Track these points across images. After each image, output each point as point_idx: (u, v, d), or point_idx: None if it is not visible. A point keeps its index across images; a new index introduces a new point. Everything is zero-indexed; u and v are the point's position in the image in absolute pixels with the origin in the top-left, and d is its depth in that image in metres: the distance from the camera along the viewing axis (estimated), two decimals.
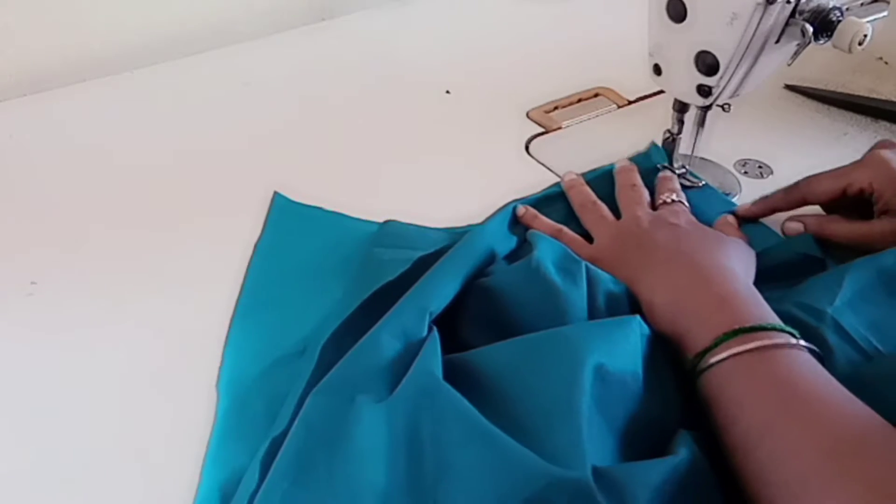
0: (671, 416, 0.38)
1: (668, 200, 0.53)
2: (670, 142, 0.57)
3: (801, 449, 0.34)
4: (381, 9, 0.85)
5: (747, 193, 0.58)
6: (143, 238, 0.53)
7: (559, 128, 0.65)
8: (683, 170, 0.58)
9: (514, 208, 0.54)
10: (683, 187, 0.57)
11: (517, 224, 0.53)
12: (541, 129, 0.66)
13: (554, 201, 0.55)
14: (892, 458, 0.32)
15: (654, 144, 0.60)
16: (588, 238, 0.52)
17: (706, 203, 0.56)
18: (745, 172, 0.60)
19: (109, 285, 0.50)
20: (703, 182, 0.58)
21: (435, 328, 0.40)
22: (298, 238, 0.52)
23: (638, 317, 0.40)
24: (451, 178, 0.56)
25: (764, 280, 0.46)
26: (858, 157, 0.52)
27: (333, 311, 0.44)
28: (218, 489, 0.37)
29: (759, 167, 0.61)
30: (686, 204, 0.53)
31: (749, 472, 0.35)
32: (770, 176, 0.60)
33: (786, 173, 0.60)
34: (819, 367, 0.37)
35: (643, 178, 0.56)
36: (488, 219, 0.53)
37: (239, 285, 0.49)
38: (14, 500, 0.38)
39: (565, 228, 0.52)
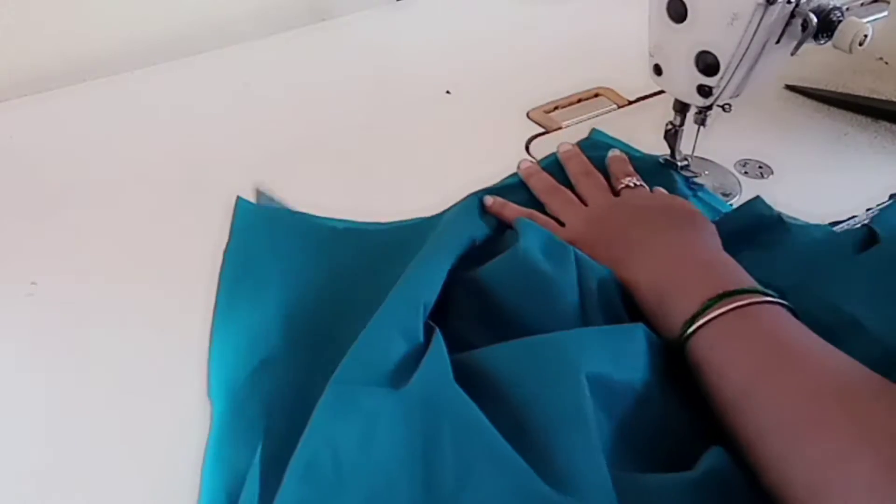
0: (688, 425, 0.38)
1: (631, 185, 0.54)
2: (672, 134, 0.57)
3: (791, 393, 0.35)
4: (381, 9, 0.85)
5: (747, 194, 0.57)
6: (144, 238, 0.53)
7: (559, 128, 0.65)
8: (686, 162, 0.58)
9: (481, 199, 0.54)
10: (686, 179, 0.58)
11: (486, 213, 0.53)
12: (541, 129, 0.66)
13: (515, 190, 0.56)
14: (877, 399, 0.34)
15: (594, 130, 0.63)
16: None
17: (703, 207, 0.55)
18: (746, 173, 0.60)
19: (109, 285, 0.50)
20: (706, 172, 0.58)
21: (438, 330, 0.39)
22: (266, 240, 0.52)
23: (642, 325, 0.40)
24: (452, 179, 0.56)
25: (729, 245, 0.46)
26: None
27: (307, 306, 0.45)
28: (223, 491, 0.36)
29: (760, 167, 0.61)
30: (643, 184, 0.55)
31: (742, 423, 0.36)
32: (770, 176, 0.60)
33: (786, 173, 0.60)
34: (800, 323, 0.39)
35: (590, 162, 0.57)
36: (447, 210, 0.53)
37: None
38: (15, 500, 0.38)
39: (536, 213, 0.53)
